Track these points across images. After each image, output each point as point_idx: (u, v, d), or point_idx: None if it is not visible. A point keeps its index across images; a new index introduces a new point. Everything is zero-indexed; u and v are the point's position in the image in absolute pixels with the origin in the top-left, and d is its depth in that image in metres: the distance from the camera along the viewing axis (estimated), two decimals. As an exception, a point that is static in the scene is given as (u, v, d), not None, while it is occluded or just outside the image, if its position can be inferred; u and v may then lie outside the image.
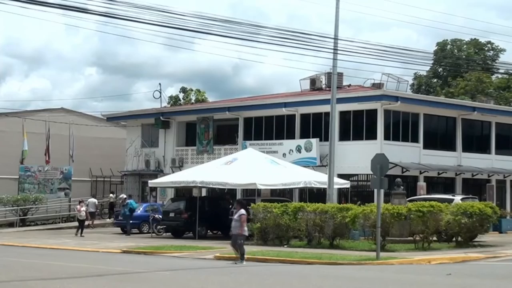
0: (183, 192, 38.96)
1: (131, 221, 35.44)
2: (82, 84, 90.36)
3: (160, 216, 33.76)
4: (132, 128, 44.77)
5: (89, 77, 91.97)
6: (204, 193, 36.47)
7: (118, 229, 36.46)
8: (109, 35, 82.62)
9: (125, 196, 40.04)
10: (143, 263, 20.45)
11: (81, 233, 32.95)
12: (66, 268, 18.55)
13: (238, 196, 36.08)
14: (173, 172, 38.72)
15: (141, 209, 36.79)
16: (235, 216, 20.67)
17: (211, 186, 31.97)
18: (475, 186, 36.84)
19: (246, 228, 20.61)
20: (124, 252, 25.29)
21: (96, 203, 40.33)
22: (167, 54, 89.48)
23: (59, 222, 42.85)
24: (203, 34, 22.28)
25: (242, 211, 20.58)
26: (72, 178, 44.29)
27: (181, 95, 59.84)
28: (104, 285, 15.16)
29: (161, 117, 42.33)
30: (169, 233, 32.97)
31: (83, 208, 33.99)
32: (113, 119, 46.54)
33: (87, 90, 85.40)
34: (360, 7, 43.87)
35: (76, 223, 40.91)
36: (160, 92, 49.76)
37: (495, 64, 56.75)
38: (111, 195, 43.57)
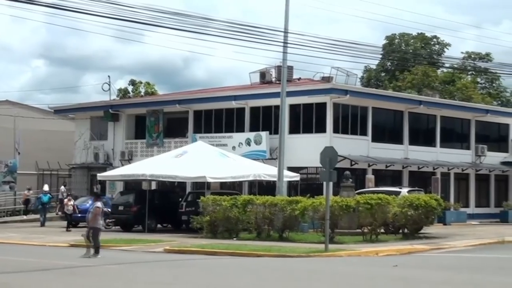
0: (132, 186, 38.67)
1: (79, 215, 35.27)
2: (29, 76, 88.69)
3: (109, 210, 33.43)
4: (81, 121, 44.18)
5: (36, 69, 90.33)
6: (154, 186, 36.25)
7: (66, 223, 35.95)
8: (57, 27, 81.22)
9: (63, 189, 39.67)
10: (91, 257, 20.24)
11: (68, 227, 32.28)
12: (12, 263, 18.26)
13: (188, 189, 36.00)
14: (122, 165, 38.36)
15: (90, 202, 36.39)
16: (91, 209, 20.44)
17: (161, 179, 31.83)
18: (421, 179, 37.52)
19: (101, 222, 20.39)
20: (72, 246, 24.98)
21: (63, 190, 39.82)
22: (116, 46, 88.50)
23: (4, 216, 42.02)
24: (153, 26, 22.09)
25: (98, 203, 20.37)
26: (18, 172, 43.47)
27: (130, 88, 59.22)
28: (51, 280, 14.99)
29: (110, 110, 41.86)
30: (118, 227, 32.70)
31: (71, 202, 33.47)
32: (60, 111, 45.83)
33: (34, 82, 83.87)
34: (311, 1, 44.10)
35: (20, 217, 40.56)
36: (109, 85, 49.18)
37: (441, 59, 57.88)
38: (25, 191, 42.37)
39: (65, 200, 33.49)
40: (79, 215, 35.69)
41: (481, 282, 14.30)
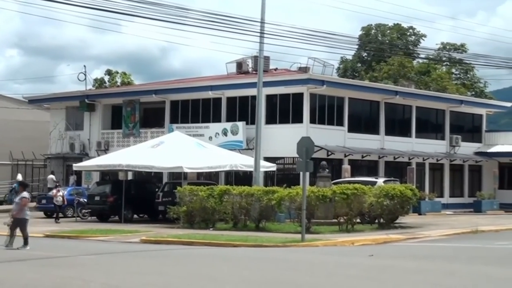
0: (108, 176, 38.50)
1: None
2: (3, 66, 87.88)
3: (85, 200, 33.28)
4: (56, 110, 43.84)
5: (10, 58, 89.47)
6: (130, 177, 36.15)
7: (41, 213, 35.73)
8: (32, 16, 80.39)
9: (53, 178, 39.46)
10: (67, 248, 20.16)
11: (58, 218, 31.89)
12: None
13: (165, 179, 35.91)
14: (98, 155, 38.18)
15: (65, 192, 36.16)
16: (16, 199, 19.87)
17: (137, 169, 31.74)
18: (396, 169, 37.83)
19: (28, 212, 19.77)
20: (47, 236, 24.84)
21: (54, 179, 39.47)
22: (92, 36, 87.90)
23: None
24: (130, 16, 21.98)
25: (24, 193, 19.76)
26: (-9, 162, 43.12)
27: (106, 78, 58.84)
28: (25, 271, 14.88)
29: (86, 100, 41.59)
30: (95, 217, 32.59)
31: (60, 193, 33.09)
32: (35, 101, 45.42)
33: (8, 72, 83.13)
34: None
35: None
36: (85, 75, 48.64)
37: (416, 49, 58.27)
38: None
39: (54, 191, 33.09)
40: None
41: (455, 271, 14.48)
